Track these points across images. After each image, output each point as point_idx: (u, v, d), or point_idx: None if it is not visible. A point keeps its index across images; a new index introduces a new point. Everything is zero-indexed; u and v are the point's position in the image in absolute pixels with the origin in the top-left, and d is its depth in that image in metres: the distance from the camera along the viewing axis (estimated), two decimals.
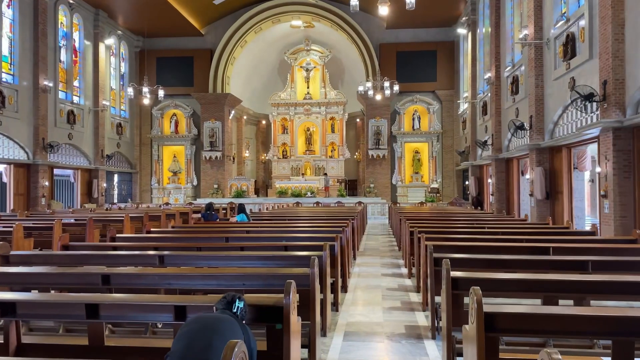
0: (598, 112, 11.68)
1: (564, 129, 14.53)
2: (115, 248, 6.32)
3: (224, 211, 19.91)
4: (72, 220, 12.81)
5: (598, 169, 11.39)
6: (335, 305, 6.14)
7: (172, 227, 9.53)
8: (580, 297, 3.99)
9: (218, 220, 11.58)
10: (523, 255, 5.69)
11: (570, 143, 14.20)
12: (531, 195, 16.25)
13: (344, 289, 7.32)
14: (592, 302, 4.69)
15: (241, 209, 11.05)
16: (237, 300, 2.94)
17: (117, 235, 7.64)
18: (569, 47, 13.37)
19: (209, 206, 11.49)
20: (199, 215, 11.76)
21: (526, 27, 16.21)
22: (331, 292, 6.14)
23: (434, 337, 5.01)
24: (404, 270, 9.22)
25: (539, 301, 5.66)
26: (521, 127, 16.32)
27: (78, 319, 2.96)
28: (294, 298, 2.97)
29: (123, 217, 12.88)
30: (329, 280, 5.30)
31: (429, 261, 5.08)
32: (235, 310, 2.89)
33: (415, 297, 6.89)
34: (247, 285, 3.97)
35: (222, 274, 3.95)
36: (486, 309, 2.72)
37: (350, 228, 9.52)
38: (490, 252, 6.13)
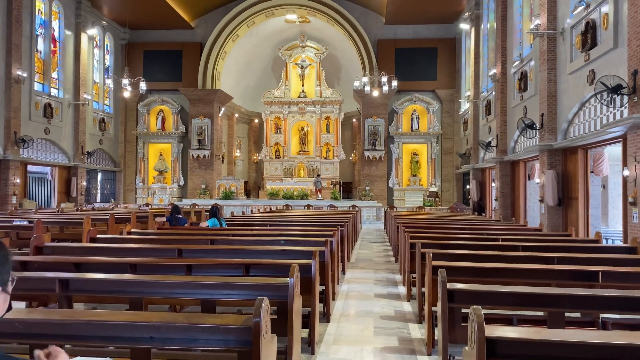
0: (624, 107, 10.26)
1: (580, 128, 13.10)
2: (25, 263, 4.82)
3: (207, 214, 18.40)
4: (25, 223, 11.31)
5: (626, 172, 9.95)
6: (311, 346, 4.65)
7: (128, 232, 8.03)
8: None
9: (187, 224, 10.08)
10: (566, 283, 4.23)
11: (587, 144, 12.77)
12: (541, 201, 14.82)
13: (326, 317, 5.83)
14: None
15: (213, 212, 9.54)
16: None
17: (47, 244, 6.15)
18: (589, 36, 11.95)
19: (175, 209, 9.99)
20: (164, 218, 10.27)
21: (538, 16, 14.78)
22: (306, 327, 4.67)
23: None
24: (402, 290, 7.71)
25: None
26: (531, 126, 14.88)
27: None
28: None
29: (83, 219, 11.40)
30: (298, 317, 3.82)
31: (441, 294, 3.61)
32: None
33: (417, 332, 5.39)
34: (158, 341, 2.51)
35: (122, 322, 2.47)
36: None
37: (339, 237, 8.04)
38: (519, 276, 4.67)
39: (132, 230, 8.18)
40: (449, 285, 3.54)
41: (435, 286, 4.58)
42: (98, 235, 7.20)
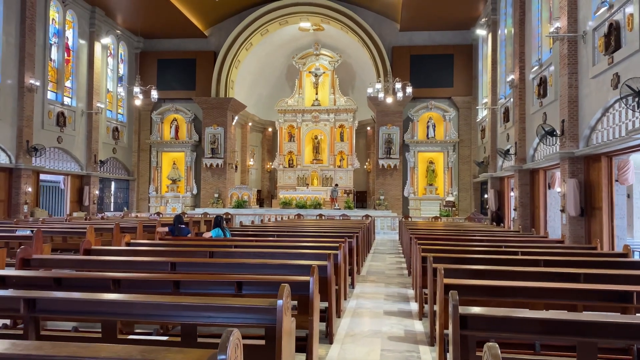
0: None
1: (603, 135, 12.48)
2: (3, 278, 4.47)
3: None
4: (28, 232, 11.04)
5: None
6: None
7: (127, 243, 7.69)
8: None
9: (190, 235, 9.71)
10: (595, 305, 3.72)
11: (611, 151, 12.14)
12: (562, 211, 14.17)
13: (329, 338, 5.38)
14: None
15: (217, 222, 9.16)
16: None
17: (35, 257, 5.81)
18: (612, 38, 11.38)
19: (178, 218, 9.63)
20: (167, 229, 9.92)
21: (558, 19, 14.24)
22: (303, 352, 4.22)
23: None
24: (414, 307, 7.21)
25: None
26: (551, 133, 14.27)
27: None
28: None
29: (86, 228, 11.12)
30: (289, 342, 3.38)
31: (452, 320, 3.14)
32: None
33: (428, 355, 4.88)
34: None
35: (63, 356, 2.06)
36: None
37: (346, 250, 7.59)
38: (541, 296, 4.18)
39: (131, 241, 7.83)
40: (461, 310, 3.08)
41: (448, 306, 4.11)
42: (93, 247, 6.85)
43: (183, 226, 9.45)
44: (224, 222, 9.49)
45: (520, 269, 5.39)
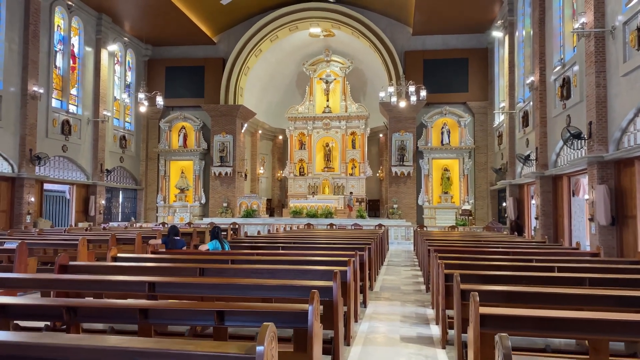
0: None
1: (636, 137, 11.50)
2: None
3: (224, 233, 17.30)
4: (14, 245, 10.32)
5: None
6: None
7: (113, 258, 6.92)
8: None
9: (185, 247, 8.92)
10: None
11: None
12: (591, 219, 13.15)
13: None
14: None
15: (214, 234, 8.37)
16: None
17: None
18: None
19: (172, 229, 8.82)
20: (159, 240, 9.13)
21: (583, 14, 13.31)
22: None
23: None
24: (435, 332, 6.29)
25: None
26: (578, 136, 13.31)
27: None
28: None
29: (78, 241, 10.37)
30: None
31: None
32: None
33: None
34: None
35: None
36: None
37: (356, 265, 6.73)
38: (600, 331, 3.29)
39: (118, 255, 7.05)
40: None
41: (485, 342, 3.24)
42: (70, 263, 6.07)
43: (178, 238, 8.65)
44: (222, 232, 8.69)
45: (564, 291, 4.50)
